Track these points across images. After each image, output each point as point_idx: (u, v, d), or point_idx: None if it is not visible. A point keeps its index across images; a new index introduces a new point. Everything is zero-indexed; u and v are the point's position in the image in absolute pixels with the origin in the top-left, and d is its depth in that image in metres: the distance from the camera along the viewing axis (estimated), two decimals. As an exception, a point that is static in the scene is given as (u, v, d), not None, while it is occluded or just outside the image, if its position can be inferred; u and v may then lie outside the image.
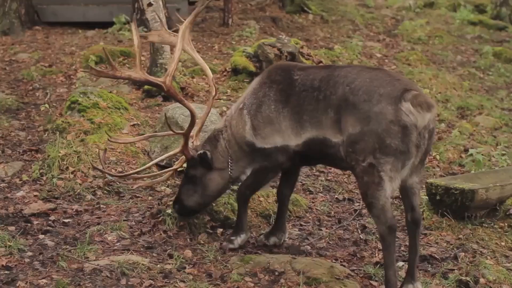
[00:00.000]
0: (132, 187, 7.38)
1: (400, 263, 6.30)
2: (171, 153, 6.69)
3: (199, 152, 6.37)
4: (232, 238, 6.45)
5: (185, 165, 6.60)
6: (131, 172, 7.00)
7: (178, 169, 6.78)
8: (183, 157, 6.54)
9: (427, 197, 7.31)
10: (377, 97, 5.47)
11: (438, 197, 7.18)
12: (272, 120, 6.05)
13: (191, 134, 6.52)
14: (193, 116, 6.32)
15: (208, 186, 6.46)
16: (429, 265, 6.43)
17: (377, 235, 6.51)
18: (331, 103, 5.72)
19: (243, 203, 6.44)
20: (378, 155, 5.42)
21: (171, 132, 6.58)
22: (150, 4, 8.42)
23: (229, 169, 6.38)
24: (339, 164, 6.02)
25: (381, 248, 5.93)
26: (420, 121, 5.39)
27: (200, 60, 6.77)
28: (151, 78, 6.31)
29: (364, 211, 7.40)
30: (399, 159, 5.44)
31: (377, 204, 5.51)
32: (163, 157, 6.77)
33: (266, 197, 7.06)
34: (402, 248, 6.63)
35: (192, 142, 6.60)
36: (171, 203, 6.87)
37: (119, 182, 7.49)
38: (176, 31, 6.55)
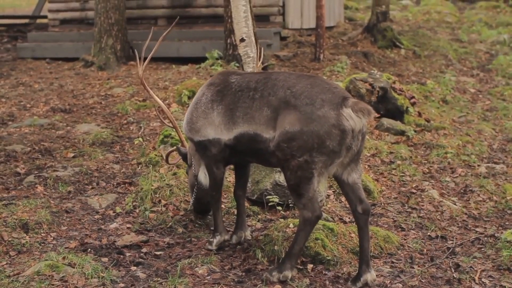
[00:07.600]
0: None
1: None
2: (171, 149, 7.76)
3: (176, 146, 7.58)
4: (210, 240, 6.94)
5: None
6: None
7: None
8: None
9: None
10: (320, 102, 5.87)
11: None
12: (207, 114, 6.58)
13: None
14: (164, 109, 7.45)
15: (189, 182, 7.36)
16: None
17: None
18: (269, 103, 6.11)
19: (215, 204, 6.90)
20: (314, 153, 5.86)
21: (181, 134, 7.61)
22: (242, 40, 8.49)
23: (193, 166, 7.14)
24: (268, 159, 6.35)
25: (296, 236, 6.17)
26: (358, 126, 5.83)
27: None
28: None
29: (458, 249, 7.24)
30: (330, 158, 5.92)
31: (307, 195, 5.98)
32: (169, 150, 7.82)
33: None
34: (498, 288, 6.43)
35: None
36: (261, 237, 6.89)
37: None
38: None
